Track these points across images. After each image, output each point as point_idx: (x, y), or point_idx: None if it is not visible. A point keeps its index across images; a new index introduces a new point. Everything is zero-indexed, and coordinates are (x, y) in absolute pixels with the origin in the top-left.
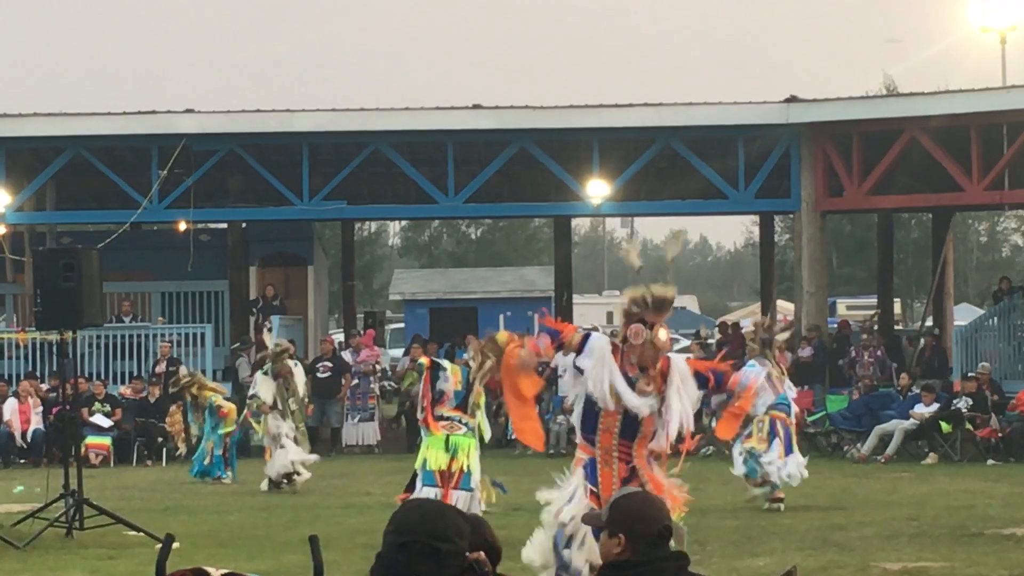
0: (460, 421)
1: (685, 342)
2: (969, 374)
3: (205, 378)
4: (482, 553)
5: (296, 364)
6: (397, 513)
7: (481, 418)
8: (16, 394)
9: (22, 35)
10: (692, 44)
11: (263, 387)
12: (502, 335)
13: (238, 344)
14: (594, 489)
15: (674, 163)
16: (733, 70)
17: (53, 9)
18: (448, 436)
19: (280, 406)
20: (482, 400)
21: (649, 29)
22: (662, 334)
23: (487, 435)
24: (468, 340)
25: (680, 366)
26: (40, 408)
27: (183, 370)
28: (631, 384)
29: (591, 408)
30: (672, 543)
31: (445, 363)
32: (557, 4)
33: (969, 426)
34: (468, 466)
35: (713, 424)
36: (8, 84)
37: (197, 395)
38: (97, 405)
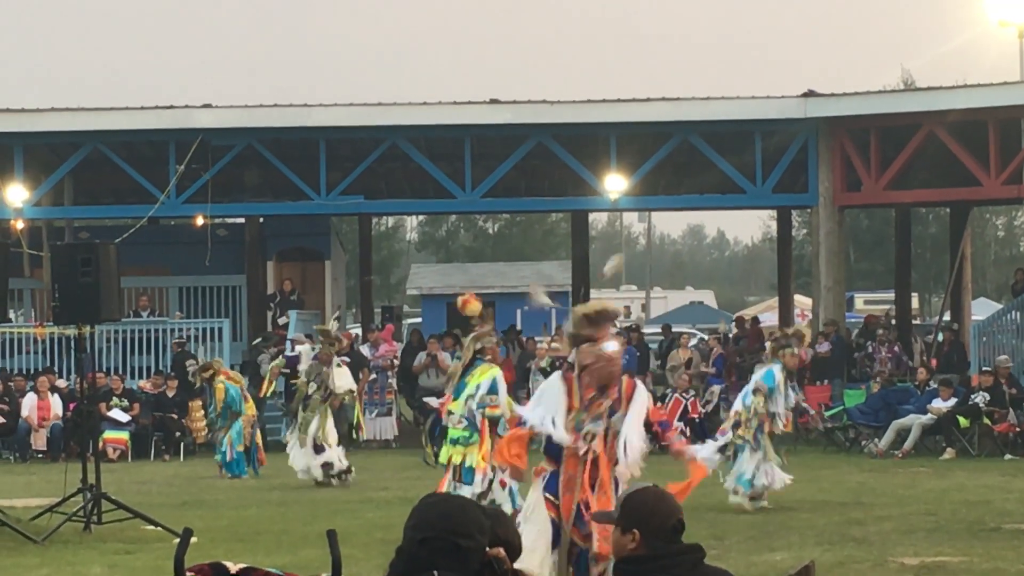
0: (453, 413)
1: (703, 336)
2: (984, 368)
3: (221, 363)
4: (501, 549)
5: (339, 364)
6: (418, 508)
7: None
8: (35, 389)
9: (39, 30)
10: (710, 38)
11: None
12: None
13: (260, 340)
14: (552, 499)
15: (692, 158)
16: (751, 64)
17: (70, 4)
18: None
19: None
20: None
21: (667, 24)
22: (609, 346)
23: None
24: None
25: (644, 397)
26: (59, 404)
27: (200, 358)
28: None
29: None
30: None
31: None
32: None
33: (987, 421)
34: (466, 461)
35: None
36: (25, 79)
37: (211, 381)
38: (115, 400)
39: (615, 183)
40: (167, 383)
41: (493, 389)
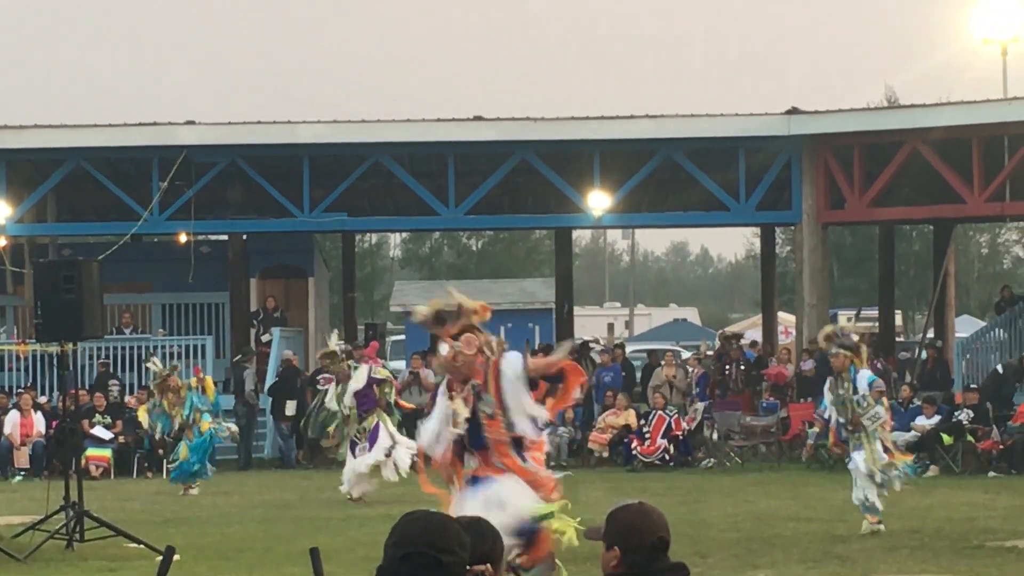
0: None
1: (686, 354)
2: (971, 386)
3: (177, 368)
4: (489, 566)
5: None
6: (398, 525)
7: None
8: (17, 406)
9: (22, 46)
10: (693, 56)
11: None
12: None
13: (240, 356)
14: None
15: (675, 175)
16: (734, 81)
17: (53, 20)
18: None
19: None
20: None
21: (650, 41)
22: (441, 348)
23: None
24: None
25: (510, 367)
26: (42, 421)
27: (156, 362)
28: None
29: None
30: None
31: None
32: (558, 16)
33: (970, 438)
34: None
35: (714, 436)
36: (8, 95)
37: (173, 388)
38: (97, 417)
39: (599, 200)
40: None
41: None
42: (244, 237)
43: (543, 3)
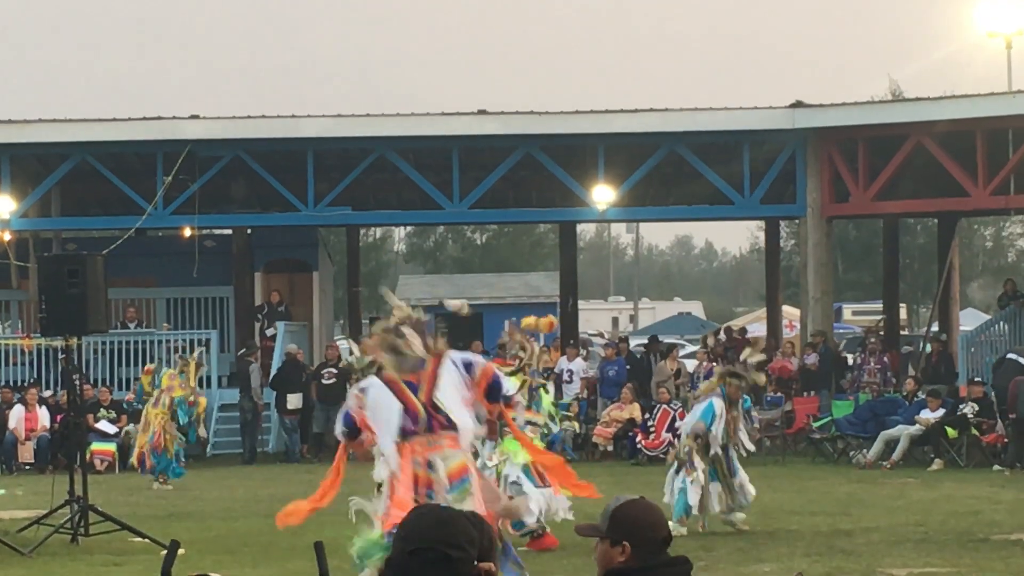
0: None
1: (692, 347)
2: (975, 379)
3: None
4: (492, 565)
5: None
6: (407, 519)
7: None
8: (23, 401)
9: (26, 40)
10: (698, 49)
11: None
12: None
13: (244, 350)
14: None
15: (680, 168)
16: (739, 75)
17: (57, 15)
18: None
19: None
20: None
21: (655, 34)
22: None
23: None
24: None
25: (451, 361)
26: (47, 415)
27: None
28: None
29: None
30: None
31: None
32: (562, 9)
33: (975, 431)
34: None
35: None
36: (13, 90)
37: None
38: (102, 411)
39: (603, 194)
40: None
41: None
42: (248, 231)
43: None
